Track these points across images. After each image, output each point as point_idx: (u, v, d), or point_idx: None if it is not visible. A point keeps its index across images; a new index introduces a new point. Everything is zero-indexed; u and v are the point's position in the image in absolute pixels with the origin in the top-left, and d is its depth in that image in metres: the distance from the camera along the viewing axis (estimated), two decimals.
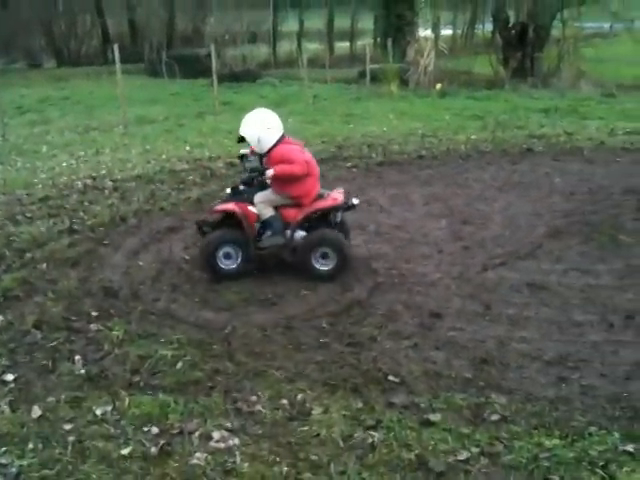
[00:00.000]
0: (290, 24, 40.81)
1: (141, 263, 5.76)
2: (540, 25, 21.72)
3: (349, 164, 9.77)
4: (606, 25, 24.18)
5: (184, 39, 35.70)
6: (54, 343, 4.21)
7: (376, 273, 5.43)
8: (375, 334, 4.28)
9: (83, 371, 3.86)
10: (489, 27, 29.34)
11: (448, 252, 5.97)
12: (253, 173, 5.28)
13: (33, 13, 34.14)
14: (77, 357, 4.02)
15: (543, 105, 15.56)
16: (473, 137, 11.82)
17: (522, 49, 21.91)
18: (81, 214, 7.11)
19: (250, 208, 5.25)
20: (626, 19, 20.93)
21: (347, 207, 5.45)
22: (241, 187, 5.40)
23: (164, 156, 10.18)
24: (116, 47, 13.71)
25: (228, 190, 5.51)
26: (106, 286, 5.18)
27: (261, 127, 5.27)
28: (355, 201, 5.45)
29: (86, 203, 7.54)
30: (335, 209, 5.39)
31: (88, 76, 26.40)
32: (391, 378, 3.69)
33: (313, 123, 13.58)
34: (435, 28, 24.35)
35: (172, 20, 34.84)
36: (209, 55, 16.92)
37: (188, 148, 10.86)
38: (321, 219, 5.39)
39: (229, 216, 5.31)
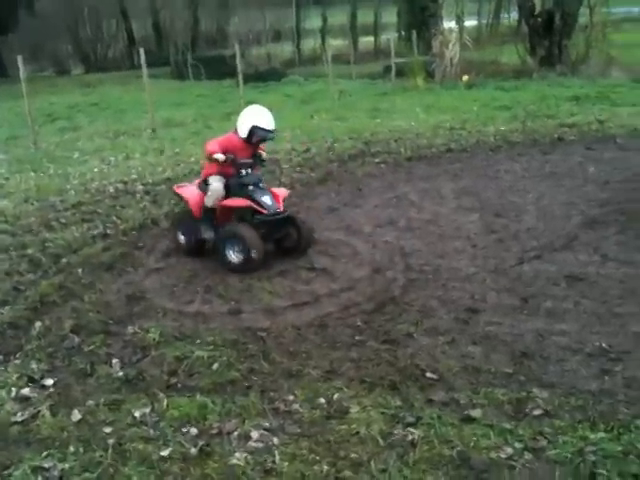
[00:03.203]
0: (313, 21, 40.83)
1: (175, 265, 5.79)
2: (567, 12, 21.37)
3: (377, 160, 9.74)
4: (635, 9, 23.64)
5: (209, 40, 36.00)
6: (92, 347, 4.24)
7: (409, 269, 5.38)
8: (411, 331, 4.23)
9: (121, 374, 3.88)
10: (515, 16, 28.99)
11: (482, 246, 5.89)
12: None
13: (59, 19, 34.65)
14: (115, 360, 4.04)
15: (573, 93, 15.33)
16: (503, 128, 11.68)
17: (549, 37, 21.60)
18: (114, 218, 7.17)
19: None
20: None
21: None
22: None
23: (193, 158, 10.24)
24: (142, 51, 13.85)
25: None
26: (141, 289, 5.22)
27: None
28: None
29: (118, 207, 7.61)
30: None
31: (115, 81, 26.75)
32: (429, 375, 3.65)
33: (340, 119, 13.56)
34: (459, 19, 24.13)
35: (196, 21, 35.07)
36: (234, 55, 16.99)
37: None
38: None
39: None
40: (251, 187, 5.59)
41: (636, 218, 6.29)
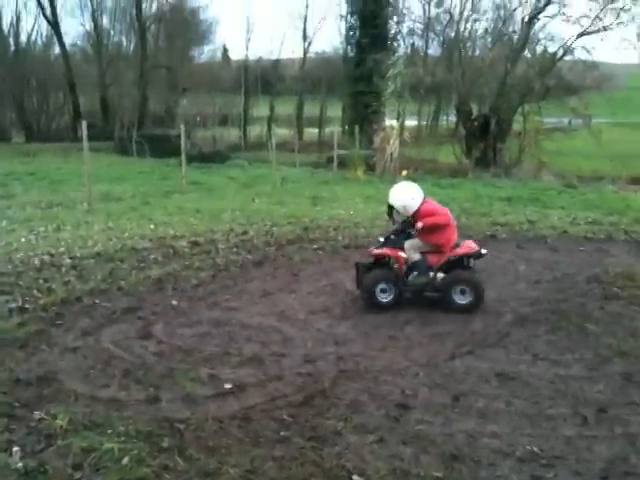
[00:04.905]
0: (261, 109, 41.84)
1: (93, 346, 5.45)
2: (502, 118, 22.58)
3: (315, 246, 9.70)
4: (565, 120, 25.16)
5: (156, 119, 36.17)
6: None
7: (341, 359, 5.22)
8: (339, 428, 4.03)
9: (20, 465, 3.53)
10: (453, 118, 30.39)
11: (415, 339, 5.80)
12: (404, 224, 6.72)
13: (5, 87, 34.33)
14: (15, 448, 3.69)
15: (506, 194, 15.87)
16: None
17: (485, 140, 22.67)
18: (35, 292, 6.80)
19: (400, 253, 6.62)
20: (584, 115, 21.87)
21: (478, 255, 6.68)
22: (392, 236, 6.80)
23: (127, 234, 9.98)
24: (84, 123, 13.74)
25: (381, 238, 6.95)
26: (53, 370, 4.87)
27: (406, 197, 6.66)
28: (484, 251, 6.68)
29: (41, 281, 7.24)
30: (469, 256, 6.67)
31: (56, 152, 26.39)
32: (356, 477, 3.44)
33: (280, 204, 13.60)
34: (400, 118, 25.12)
35: (144, 100, 35.34)
36: (179, 135, 17.04)
37: (152, 226, 10.69)
38: (457, 263, 6.65)
39: (381, 259, 6.77)
40: None
41: (566, 318, 6.35)
